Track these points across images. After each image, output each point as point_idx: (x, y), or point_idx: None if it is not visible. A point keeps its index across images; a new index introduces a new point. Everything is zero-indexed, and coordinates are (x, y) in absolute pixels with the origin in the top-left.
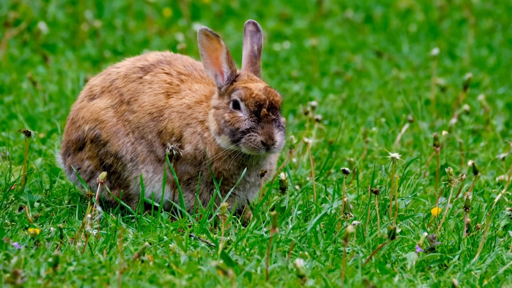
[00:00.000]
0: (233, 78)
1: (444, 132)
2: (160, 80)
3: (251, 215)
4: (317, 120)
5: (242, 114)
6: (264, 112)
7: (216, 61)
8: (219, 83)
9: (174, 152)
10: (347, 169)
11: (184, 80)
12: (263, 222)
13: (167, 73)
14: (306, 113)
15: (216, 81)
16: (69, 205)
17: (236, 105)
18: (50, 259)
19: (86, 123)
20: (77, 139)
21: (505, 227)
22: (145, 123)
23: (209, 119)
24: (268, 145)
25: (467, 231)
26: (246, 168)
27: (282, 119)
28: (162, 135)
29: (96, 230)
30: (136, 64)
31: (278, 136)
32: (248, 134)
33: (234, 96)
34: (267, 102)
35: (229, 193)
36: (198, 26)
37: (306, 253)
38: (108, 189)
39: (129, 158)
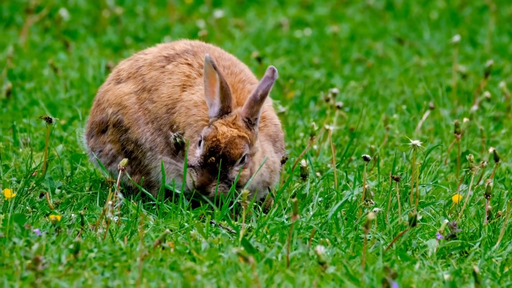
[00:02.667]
0: (222, 114)
1: (465, 119)
2: (180, 71)
3: (272, 202)
4: (338, 107)
5: (198, 150)
6: (212, 160)
7: (214, 91)
8: (210, 113)
9: (178, 140)
10: (368, 156)
11: (203, 73)
12: (284, 209)
13: (189, 64)
14: (327, 100)
15: (209, 111)
16: (90, 192)
17: (200, 142)
18: (71, 246)
19: (110, 107)
20: (100, 121)
21: None
22: (161, 114)
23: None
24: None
25: (488, 218)
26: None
27: (232, 175)
28: (174, 130)
29: (117, 217)
30: (163, 52)
31: (212, 190)
32: (190, 170)
33: (202, 132)
34: (220, 152)
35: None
36: (218, 12)
37: (327, 240)
38: (128, 175)
39: (148, 147)
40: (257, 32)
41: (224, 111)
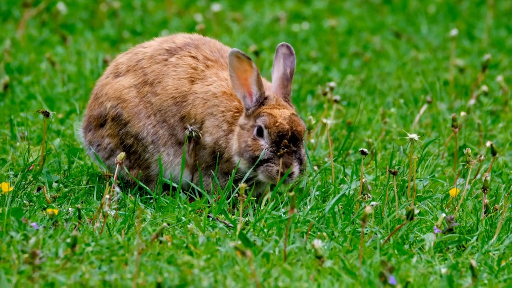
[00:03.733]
0: (262, 100)
1: (462, 113)
2: (185, 63)
3: (270, 196)
4: (336, 101)
5: (264, 143)
6: (285, 143)
7: (245, 82)
8: (247, 104)
9: (194, 134)
10: (365, 150)
11: (210, 66)
12: (281, 202)
13: (193, 57)
14: (325, 94)
15: (244, 102)
16: (87, 186)
17: (259, 132)
18: (68, 240)
19: (109, 100)
20: (99, 115)
21: None
22: (167, 106)
23: (234, 136)
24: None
25: (485, 212)
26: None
27: (303, 151)
28: (185, 120)
29: (114, 211)
30: (163, 45)
31: (296, 169)
32: (266, 164)
33: (259, 122)
34: (290, 133)
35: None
36: (216, 6)
37: (324, 234)
38: (126, 169)
39: (150, 140)
40: (255, 26)
41: (262, 97)
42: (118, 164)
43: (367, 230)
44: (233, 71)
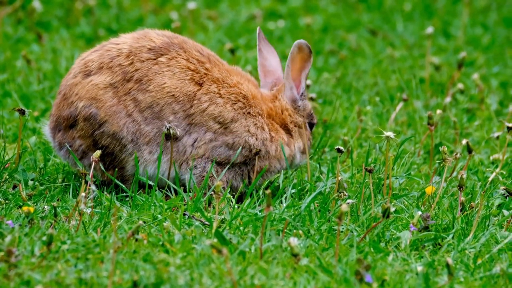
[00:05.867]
0: (305, 95)
1: (438, 111)
2: (181, 65)
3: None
4: (312, 99)
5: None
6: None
7: (297, 74)
8: (294, 95)
9: (172, 131)
10: (341, 148)
11: (209, 68)
12: (257, 200)
13: (186, 60)
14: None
15: (290, 92)
16: (63, 184)
17: (311, 128)
18: (44, 238)
19: (81, 100)
20: (68, 116)
21: (499, 206)
22: (165, 103)
23: (293, 135)
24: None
25: (461, 210)
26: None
27: None
28: (196, 116)
29: (90, 209)
30: (141, 43)
31: None
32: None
33: (313, 120)
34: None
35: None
36: (191, 4)
37: (300, 231)
38: (103, 167)
39: (130, 138)
40: (230, 24)
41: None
42: (94, 163)
43: (343, 228)
44: (291, 61)
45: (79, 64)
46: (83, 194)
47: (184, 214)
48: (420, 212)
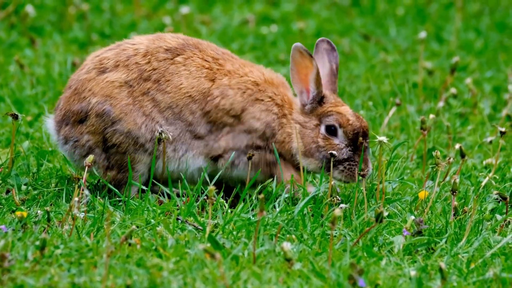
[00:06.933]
0: (319, 99)
1: (431, 116)
2: (196, 64)
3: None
4: None
5: (339, 142)
6: (360, 140)
7: (305, 78)
8: (303, 100)
9: (164, 136)
10: (334, 152)
11: (224, 63)
12: (251, 205)
13: (202, 58)
14: (295, 95)
15: (300, 97)
16: (56, 188)
17: (331, 131)
18: (37, 242)
19: (94, 96)
20: (79, 111)
21: (492, 211)
22: (183, 105)
23: (292, 132)
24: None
25: (454, 215)
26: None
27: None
28: (212, 113)
29: (83, 213)
30: (157, 43)
31: (371, 165)
32: (347, 163)
33: (330, 121)
34: (362, 130)
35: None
36: (184, 9)
37: (293, 236)
38: (101, 170)
39: (148, 137)
40: (223, 28)
41: (319, 96)
42: (87, 167)
43: (336, 233)
44: (294, 66)
45: (93, 60)
46: (76, 198)
47: (177, 219)
48: (413, 217)
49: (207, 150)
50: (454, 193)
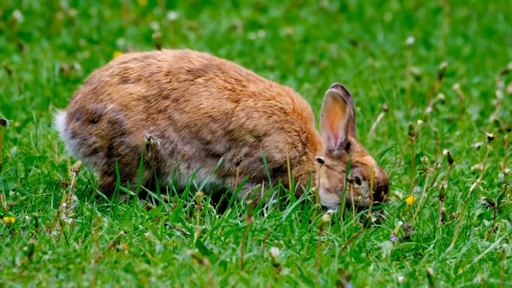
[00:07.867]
0: (345, 145)
1: (419, 121)
2: (218, 85)
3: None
4: None
5: (363, 191)
6: (382, 195)
7: (333, 124)
8: (330, 145)
9: (152, 141)
10: (322, 158)
11: (247, 85)
12: (239, 211)
13: (224, 80)
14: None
15: (327, 143)
16: (44, 194)
17: (356, 180)
18: (25, 248)
19: (112, 102)
20: (93, 111)
21: (480, 216)
22: (202, 124)
23: (309, 170)
24: (376, 221)
25: (442, 220)
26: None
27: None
28: (235, 131)
29: (71, 219)
30: (180, 63)
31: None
32: (364, 210)
33: (355, 173)
34: (383, 183)
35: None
36: (172, 14)
37: (281, 242)
38: (103, 171)
39: (166, 152)
40: (211, 34)
41: (346, 142)
42: (75, 172)
43: (324, 238)
44: (325, 111)
45: (119, 66)
46: (64, 204)
47: (165, 225)
48: (401, 222)
49: (220, 169)
50: (442, 199)
